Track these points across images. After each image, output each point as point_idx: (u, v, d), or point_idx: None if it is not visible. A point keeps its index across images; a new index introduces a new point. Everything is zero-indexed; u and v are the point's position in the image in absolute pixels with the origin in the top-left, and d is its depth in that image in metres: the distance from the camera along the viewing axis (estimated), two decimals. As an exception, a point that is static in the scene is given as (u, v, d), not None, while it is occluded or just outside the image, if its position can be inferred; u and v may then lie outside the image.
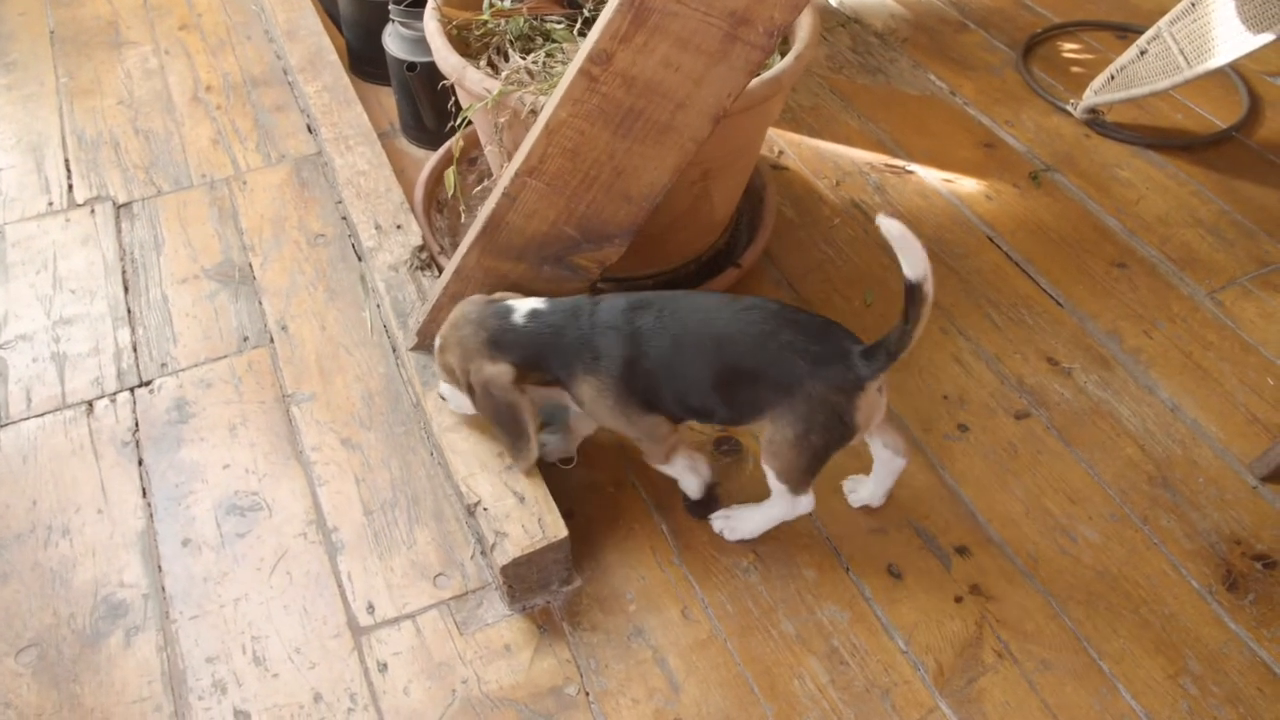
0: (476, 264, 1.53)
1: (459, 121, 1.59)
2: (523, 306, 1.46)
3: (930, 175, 2.18)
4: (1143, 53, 2.14)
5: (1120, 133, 2.25)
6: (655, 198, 1.45)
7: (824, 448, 1.40)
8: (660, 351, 1.40)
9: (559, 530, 1.46)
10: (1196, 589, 1.53)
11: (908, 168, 2.19)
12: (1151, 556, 1.56)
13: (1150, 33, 2.14)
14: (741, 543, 1.58)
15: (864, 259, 2.00)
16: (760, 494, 1.63)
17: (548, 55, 1.61)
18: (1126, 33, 2.53)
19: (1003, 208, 2.11)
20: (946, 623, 1.49)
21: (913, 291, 1.29)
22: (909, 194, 2.14)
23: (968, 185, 2.16)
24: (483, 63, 1.64)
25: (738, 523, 1.57)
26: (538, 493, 1.50)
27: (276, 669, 1.45)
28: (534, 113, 1.51)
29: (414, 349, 1.67)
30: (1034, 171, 2.18)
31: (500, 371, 1.43)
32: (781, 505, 1.50)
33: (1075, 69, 2.45)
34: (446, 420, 1.58)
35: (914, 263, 1.27)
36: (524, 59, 1.61)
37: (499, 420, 1.46)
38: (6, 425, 1.75)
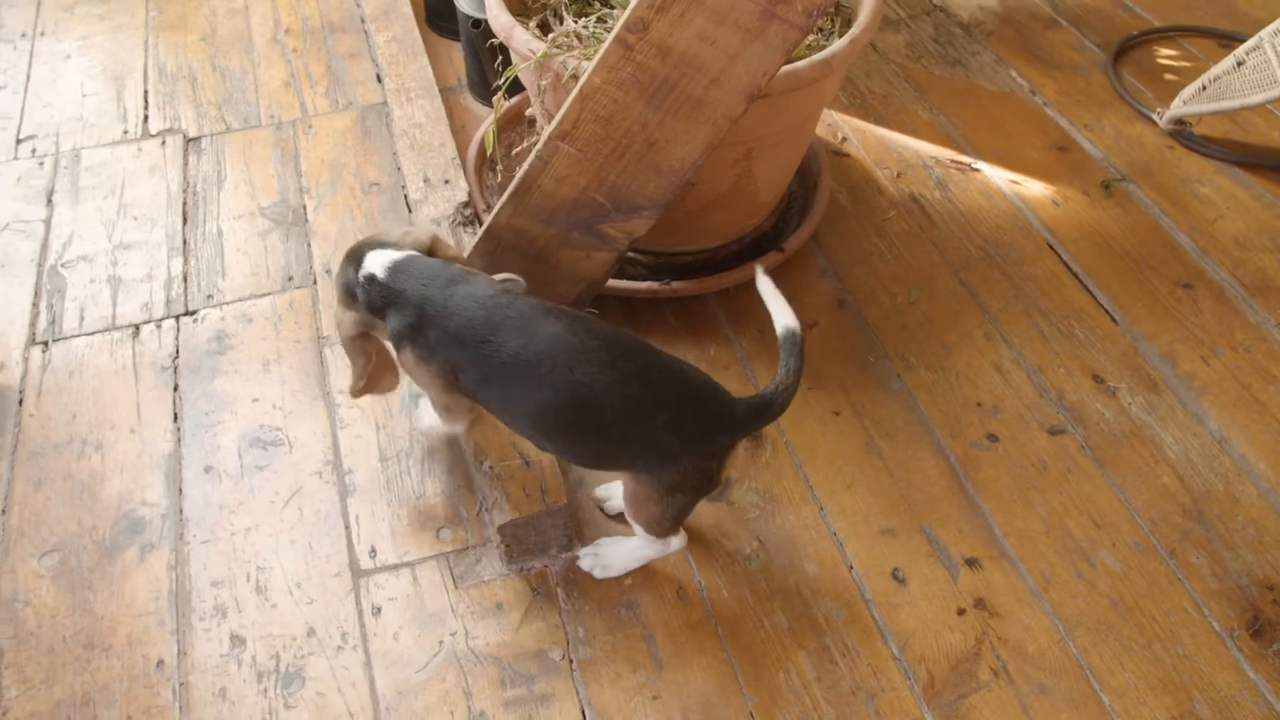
0: (506, 224, 1.54)
1: (503, 81, 1.59)
2: (376, 262, 1.37)
3: (997, 175, 2.10)
4: (1240, 63, 2.03)
5: (1207, 147, 2.14)
6: (686, 173, 1.43)
7: (690, 503, 1.36)
8: (503, 372, 1.29)
9: (560, 498, 1.46)
10: (1217, 631, 1.46)
11: (974, 165, 2.12)
12: (1173, 591, 1.49)
13: (1250, 43, 2.02)
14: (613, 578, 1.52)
15: (914, 255, 1.95)
16: (776, 484, 1.62)
17: (598, 21, 1.60)
18: (1231, 41, 2.39)
19: (1068, 215, 2.02)
20: (945, 634, 1.45)
21: (791, 340, 1.31)
22: (971, 192, 2.07)
23: (1035, 188, 2.08)
24: (533, 24, 1.64)
25: (608, 560, 1.50)
26: (544, 459, 1.50)
27: (276, 600, 1.49)
28: (575, 77, 1.50)
29: (443, 303, 1.68)
30: (1107, 180, 2.09)
31: (346, 320, 1.42)
32: (652, 548, 1.45)
33: (1168, 76, 2.33)
34: (464, 377, 1.60)
35: (785, 314, 1.31)
36: (575, 22, 1.60)
37: (347, 353, 1.47)
38: (59, 340, 1.82)
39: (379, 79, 2.29)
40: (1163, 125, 2.18)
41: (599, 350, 1.28)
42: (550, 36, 1.55)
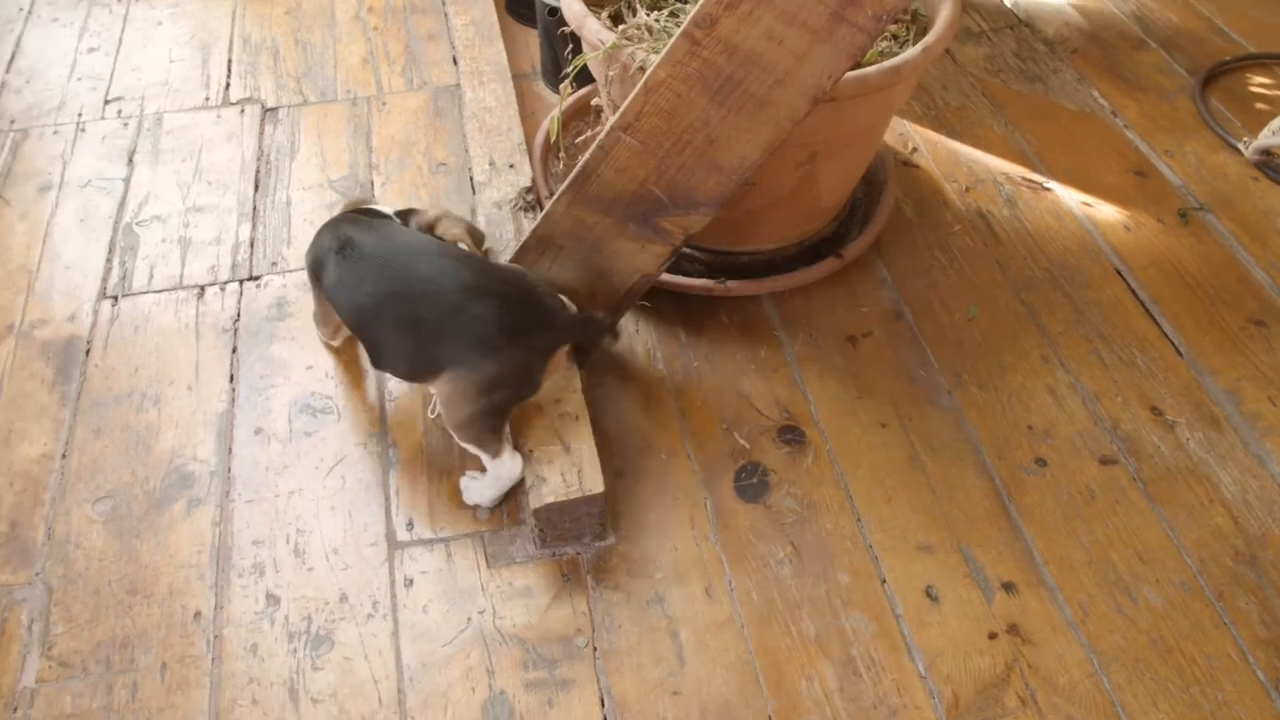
0: (565, 211, 1.55)
1: (571, 69, 1.60)
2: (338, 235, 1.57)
3: (1068, 195, 2.05)
4: (1334, 97, 1.96)
5: (1294, 181, 2.07)
6: (745, 171, 1.42)
7: (506, 403, 1.43)
8: (352, 270, 1.50)
9: (596, 485, 1.47)
10: (1261, 680, 1.41)
11: (1046, 184, 2.08)
12: (1218, 636, 1.45)
13: (1347, 77, 1.95)
14: (479, 507, 1.58)
15: (976, 271, 1.91)
16: (815, 491, 1.60)
17: (671, 15, 1.60)
18: (1330, 74, 2.31)
19: (1140, 241, 1.97)
20: (975, 657, 1.43)
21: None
22: (1041, 211, 2.02)
23: (1107, 212, 2.03)
24: (605, 14, 1.64)
25: (474, 485, 1.56)
26: (584, 445, 1.51)
27: (312, 564, 1.52)
28: (642, 70, 1.50)
29: (497, 286, 1.70)
30: (1184, 208, 2.03)
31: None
32: (490, 469, 1.51)
33: (1260, 105, 2.26)
34: (512, 359, 1.61)
35: None
36: (648, 15, 1.60)
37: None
38: (128, 295, 1.88)
39: (454, 61, 2.32)
40: (1248, 155, 2.11)
41: (444, 255, 1.47)
42: (620, 28, 1.55)
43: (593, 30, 1.56)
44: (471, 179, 2.05)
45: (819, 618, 1.47)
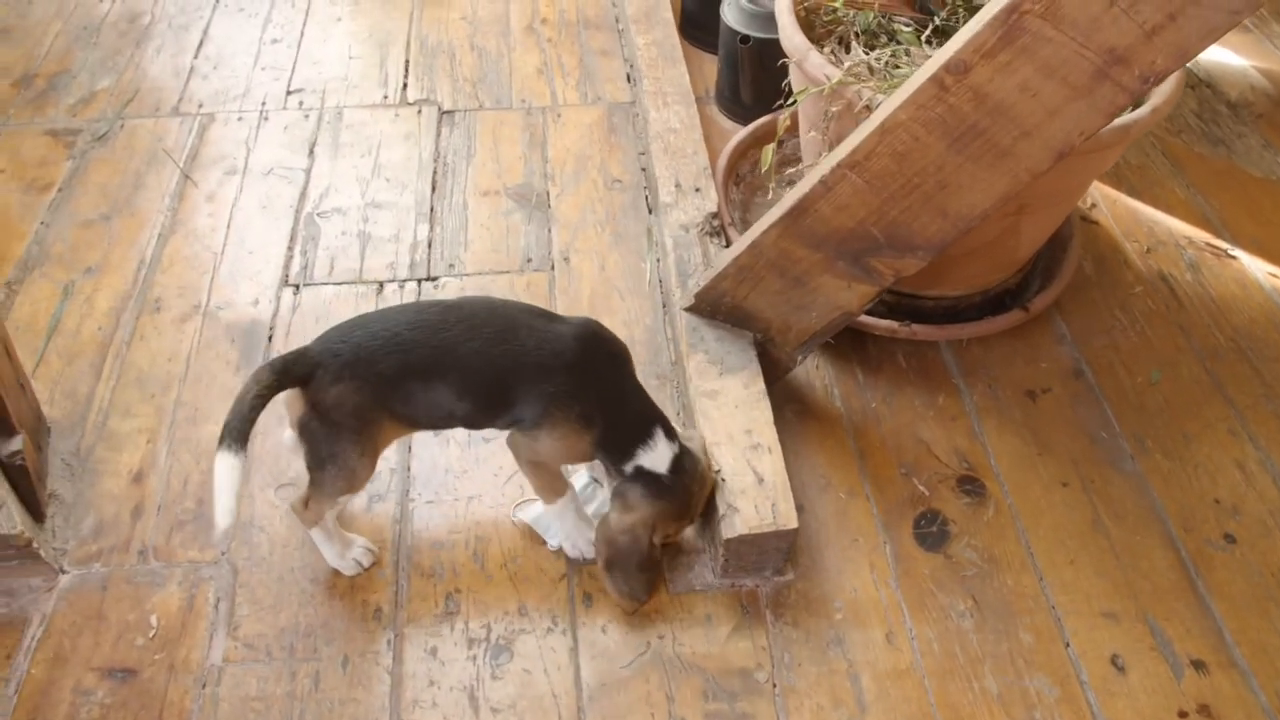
0: (774, 243, 1.54)
1: (788, 100, 1.60)
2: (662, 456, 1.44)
3: (1254, 265, 2.01)
4: None
5: None
6: (972, 220, 1.41)
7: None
8: None
9: (790, 520, 1.46)
10: None
11: (1230, 251, 2.03)
12: None
13: None
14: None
15: (1158, 335, 1.88)
16: (996, 545, 1.58)
17: (892, 55, 1.59)
18: None
19: (1330, 319, 1.92)
20: (1165, 734, 1.39)
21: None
22: (1225, 279, 1.98)
23: (1295, 285, 1.98)
24: (826, 50, 1.64)
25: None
26: (778, 479, 1.50)
27: (491, 572, 1.53)
28: (868, 108, 1.50)
29: (688, 309, 1.70)
30: (1377, 288, 1.97)
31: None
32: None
33: None
34: (704, 385, 1.61)
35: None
36: (867, 54, 1.60)
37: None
38: (309, 285, 1.91)
39: (629, 79, 2.34)
40: None
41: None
42: (845, 65, 1.55)
43: (816, 64, 1.55)
44: (648, 199, 2.06)
45: (1001, 676, 1.44)
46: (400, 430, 1.41)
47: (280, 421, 1.68)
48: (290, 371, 1.33)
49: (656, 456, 1.35)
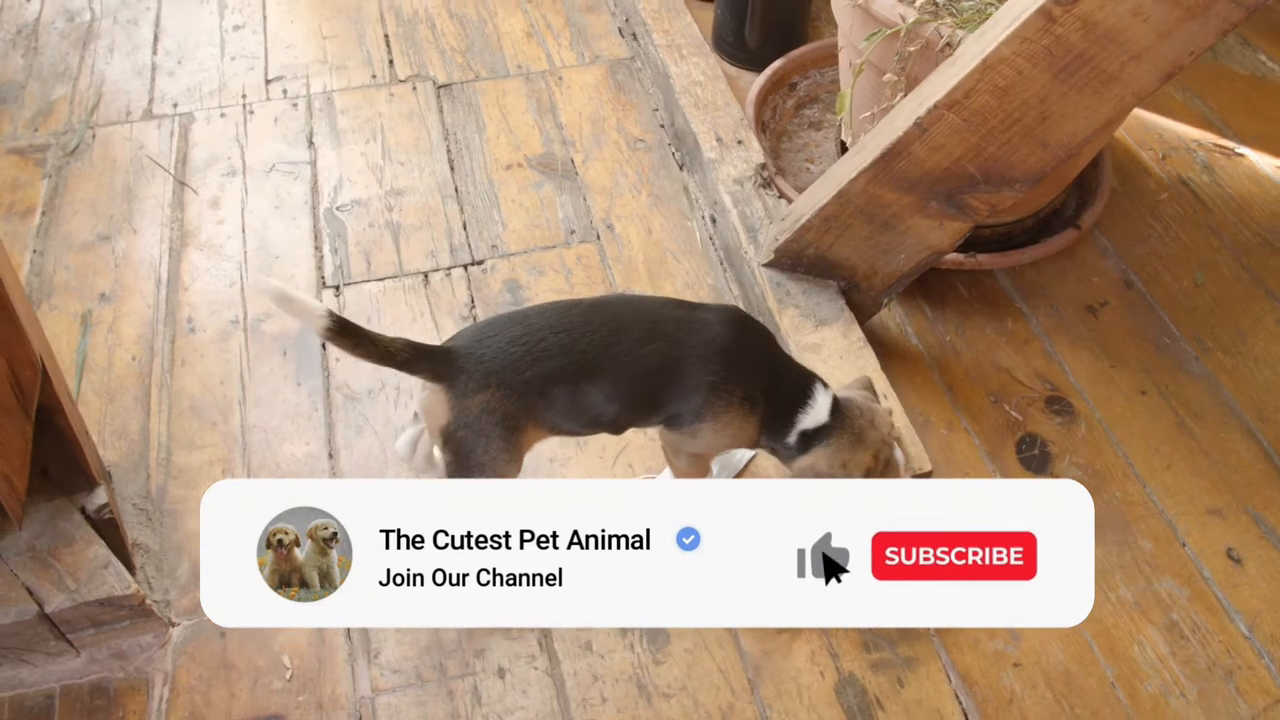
0: (863, 190, 1.53)
1: (867, 44, 1.58)
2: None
3: (1262, 161, 2.10)
4: None
5: None
6: (1074, 148, 1.42)
7: None
8: None
9: (924, 463, 1.47)
10: None
11: (1237, 150, 2.12)
12: None
13: None
14: None
15: (1192, 238, 1.95)
16: (1096, 460, 1.63)
17: (957, -12, 1.58)
18: None
19: (1339, 203, 2.03)
20: (1291, 616, 1.48)
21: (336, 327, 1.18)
22: (1239, 178, 2.06)
23: (1302, 175, 2.08)
24: (886, -12, 1.62)
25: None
26: (900, 422, 1.51)
27: (624, 556, 1.49)
28: (950, 46, 1.49)
29: (768, 265, 1.67)
30: (1373, 169, 2.09)
31: None
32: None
33: None
34: (803, 339, 1.60)
35: (307, 311, 1.16)
36: (929, -11, 1.58)
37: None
38: (350, 284, 1.81)
39: (621, 33, 2.27)
40: None
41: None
42: (918, 3, 1.53)
43: (887, 5, 1.53)
44: (674, 155, 2.01)
45: (1132, 584, 1.50)
46: (542, 436, 1.35)
47: (359, 431, 1.60)
48: (426, 359, 1.25)
49: (816, 412, 1.33)
